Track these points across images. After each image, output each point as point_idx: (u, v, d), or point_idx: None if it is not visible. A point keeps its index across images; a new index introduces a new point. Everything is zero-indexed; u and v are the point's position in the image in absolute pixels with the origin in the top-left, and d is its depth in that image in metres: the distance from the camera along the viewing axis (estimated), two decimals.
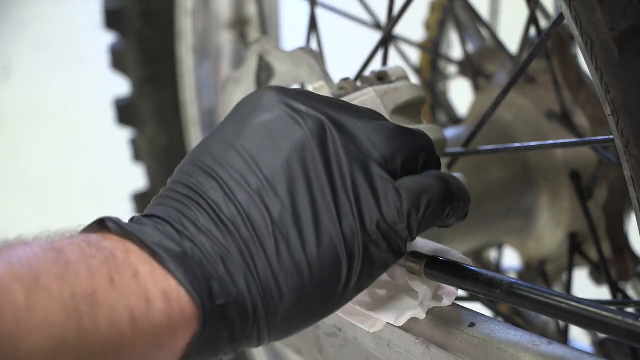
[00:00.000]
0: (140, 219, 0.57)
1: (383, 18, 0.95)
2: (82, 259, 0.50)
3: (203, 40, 1.37)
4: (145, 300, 0.51)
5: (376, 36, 0.93)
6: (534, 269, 1.09)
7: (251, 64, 0.85)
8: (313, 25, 0.94)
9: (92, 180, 2.54)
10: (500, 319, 0.64)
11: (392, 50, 0.92)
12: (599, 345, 1.05)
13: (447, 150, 0.80)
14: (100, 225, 0.56)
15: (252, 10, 1.37)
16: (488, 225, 1.06)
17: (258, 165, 0.58)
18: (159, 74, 1.40)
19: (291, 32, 1.59)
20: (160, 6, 1.35)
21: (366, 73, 0.75)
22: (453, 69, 1.33)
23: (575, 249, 1.03)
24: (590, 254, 1.03)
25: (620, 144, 0.57)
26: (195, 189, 0.57)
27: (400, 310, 0.64)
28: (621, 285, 1.00)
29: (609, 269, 0.97)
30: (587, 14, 0.55)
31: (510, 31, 1.27)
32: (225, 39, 1.38)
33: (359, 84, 0.73)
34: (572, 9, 0.56)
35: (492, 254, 1.30)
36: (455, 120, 1.31)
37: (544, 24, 1.05)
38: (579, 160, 1.01)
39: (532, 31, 0.94)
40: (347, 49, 1.95)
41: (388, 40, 0.87)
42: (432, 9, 1.35)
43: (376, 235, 0.58)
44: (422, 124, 0.72)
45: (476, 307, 0.69)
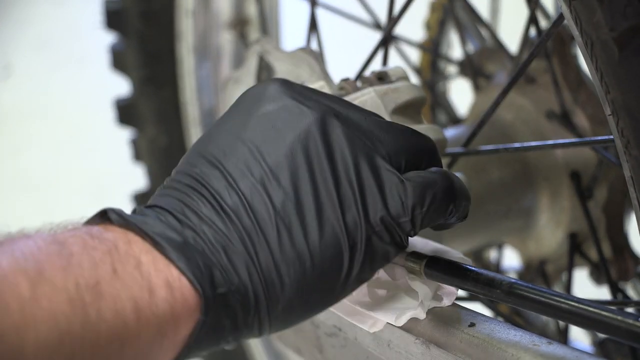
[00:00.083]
0: (142, 209, 0.58)
1: (383, 18, 0.95)
2: (85, 251, 0.51)
3: (203, 40, 1.37)
4: (148, 290, 0.51)
5: (376, 36, 0.93)
6: (534, 269, 1.09)
7: (251, 64, 0.85)
8: (313, 26, 0.94)
9: (92, 180, 2.54)
10: (500, 319, 0.64)
11: (392, 51, 0.92)
12: (599, 345, 1.05)
13: (447, 150, 0.80)
14: (103, 217, 0.56)
15: (253, 10, 1.37)
16: (488, 225, 1.06)
17: (262, 154, 0.58)
18: (159, 74, 1.40)
19: (291, 32, 1.59)
20: (160, 6, 1.35)
21: (366, 73, 0.75)
22: (453, 69, 1.33)
23: (575, 249, 1.03)
24: (590, 254, 1.03)
25: (620, 144, 0.57)
26: (198, 179, 0.58)
27: (400, 310, 0.64)
28: (621, 285, 1.00)
29: (608, 269, 0.97)
30: (587, 14, 0.55)
31: (510, 31, 1.28)
32: (226, 39, 1.38)
33: (359, 84, 0.73)
34: (572, 9, 0.56)
35: (492, 254, 1.30)
36: (455, 120, 1.31)
37: (544, 24, 1.05)
38: (579, 160, 1.01)
39: (532, 31, 0.94)
40: (347, 49, 1.95)
41: (388, 40, 0.87)
42: (432, 9, 1.35)
43: (379, 228, 0.58)
44: (422, 124, 0.72)
45: (476, 307, 0.69)
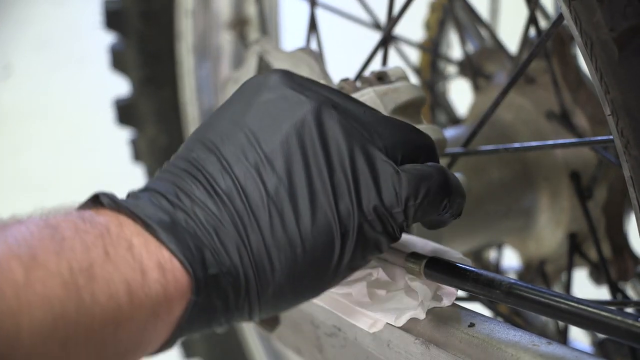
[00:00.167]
0: (136, 193, 0.58)
1: (383, 18, 0.95)
2: (77, 235, 0.51)
3: (203, 40, 1.38)
4: (140, 272, 0.52)
5: (376, 36, 0.93)
6: (534, 269, 1.09)
7: (251, 64, 0.85)
8: (313, 26, 0.94)
9: (92, 180, 2.53)
10: (499, 319, 0.64)
11: (392, 51, 0.92)
12: (598, 345, 1.05)
13: (447, 150, 0.80)
14: (95, 202, 0.57)
15: (252, 10, 1.37)
16: (488, 225, 1.06)
17: (258, 141, 0.58)
18: (159, 74, 1.40)
19: (291, 33, 1.59)
20: (160, 6, 1.35)
21: (366, 73, 0.75)
22: (453, 69, 1.33)
23: (574, 249, 1.03)
24: (589, 254, 1.03)
25: (620, 144, 0.57)
26: (194, 163, 0.58)
27: (400, 311, 0.64)
28: (621, 285, 1.00)
29: (608, 269, 0.97)
30: (587, 14, 0.55)
31: (510, 31, 1.28)
32: (225, 39, 1.38)
33: (358, 84, 0.73)
34: (572, 9, 0.56)
35: (492, 254, 1.30)
36: (455, 121, 1.31)
37: (543, 24, 1.05)
38: (579, 160, 1.01)
39: (532, 31, 0.94)
40: (347, 49, 1.95)
41: (388, 40, 0.87)
42: (432, 9, 1.35)
43: (372, 217, 0.58)
44: (422, 124, 0.72)
45: (476, 308, 0.69)
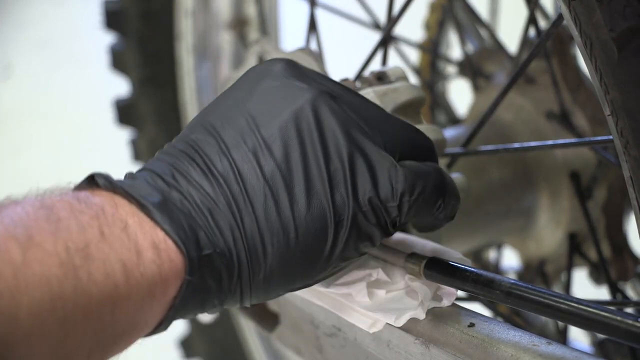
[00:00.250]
0: (133, 174, 0.59)
1: (382, 18, 0.95)
2: (73, 215, 0.51)
3: (203, 40, 1.38)
4: (136, 252, 0.52)
5: (375, 36, 0.93)
6: (534, 269, 1.09)
7: (251, 64, 0.85)
8: (312, 26, 0.94)
9: None
10: (499, 319, 0.64)
11: (392, 51, 0.92)
12: (598, 345, 1.05)
13: (447, 150, 0.80)
14: (90, 183, 0.57)
15: (252, 10, 1.37)
16: (488, 225, 1.06)
17: (257, 126, 0.59)
18: (158, 74, 1.40)
19: (291, 33, 1.59)
20: (160, 6, 1.35)
21: (365, 73, 0.75)
22: (452, 70, 1.33)
23: (574, 249, 1.03)
24: (589, 254, 1.03)
25: (620, 144, 0.57)
26: (193, 145, 0.59)
27: (400, 311, 0.64)
28: (620, 285, 1.00)
29: (608, 269, 0.97)
30: (587, 15, 0.55)
31: (510, 31, 1.28)
32: (225, 40, 1.38)
33: (358, 85, 0.73)
34: (572, 9, 0.56)
35: (492, 254, 1.30)
36: (455, 121, 1.31)
37: (543, 24, 1.05)
38: (579, 160, 1.01)
39: (532, 31, 0.94)
40: (347, 49, 1.95)
41: (387, 40, 0.87)
42: (432, 9, 1.35)
43: (366, 208, 0.59)
44: (422, 124, 0.72)
45: (476, 307, 0.69)
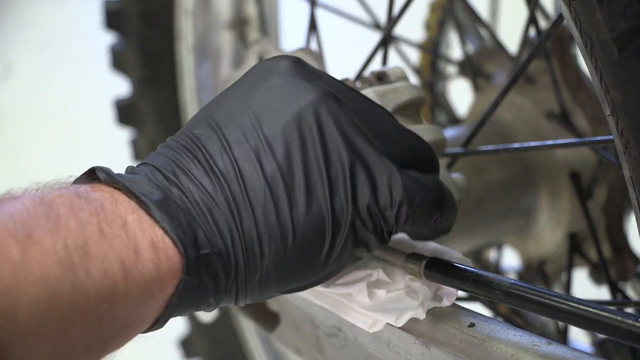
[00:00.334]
0: (134, 168, 0.58)
1: (383, 18, 0.95)
2: (72, 212, 0.51)
3: (203, 40, 1.38)
4: (134, 250, 0.52)
5: (376, 36, 0.93)
6: (534, 269, 1.09)
7: (251, 64, 0.85)
8: (313, 26, 0.94)
9: None
10: (499, 319, 0.64)
11: (392, 51, 0.92)
12: (598, 345, 1.05)
13: (447, 150, 0.80)
14: (91, 176, 0.57)
15: (252, 10, 1.37)
16: (488, 225, 1.06)
17: (260, 125, 0.58)
18: (159, 74, 1.40)
19: (291, 33, 1.59)
20: (160, 6, 1.35)
21: (366, 73, 0.75)
22: (453, 70, 1.33)
23: (574, 249, 1.03)
24: (589, 254, 1.03)
25: (620, 144, 0.57)
26: (195, 140, 0.58)
27: (400, 311, 0.64)
28: (621, 285, 1.00)
29: (608, 269, 0.97)
30: (587, 15, 0.55)
31: (510, 31, 1.28)
32: (225, 40, 1.38)
33: (358, 85, 0.73)
34: (572, 9, 0.56)
35: (492, 254, 1.30)
36: (455, 121, 1.31)
37: (543, 24, 1.05)
38: (579, 160, 1.01)
39: (532, 31, 0.94)
40: (347, 49, 1.95)
41: (388, 40, 0.87)
42: (432, 9, 1.35)
43: (365, 215, 0.59)
44: (422, 124, 0.72)
45: (476, 307, 0.69)
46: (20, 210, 0.49)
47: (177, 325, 1.50)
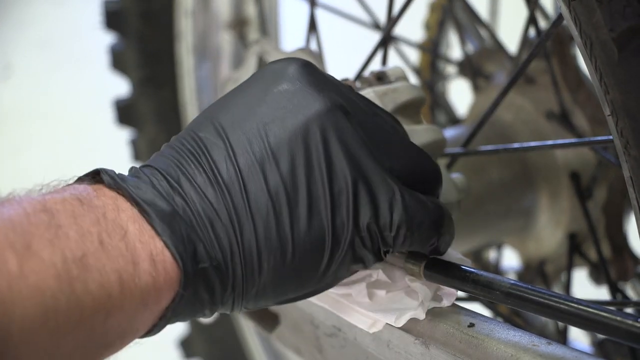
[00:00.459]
0: (138, 170, 0.57)
1: (382, 18, 0.95)
2: (73, 220, 0.51)
3: (203, 40, 1.37)
4: (132, 263, 0.52)
5: (375, 37, 0.93)
6: (534, 269, 1.09)
7: (251, 64, 0.85)
8: (312, 26, 0.94)
9: None
10: (499, 319, 0.64)
11: (392, 51, 0.92)
12: (598, 345, 1.05)
13: (447, 150, 0.80)
14: (95, 177, 0.56)
15: (252, 10, 1.37)
16: (488, 225, 1.06)
17: (267, 133, 0.57)
18: (158, 74, 1.40)
19: (291, 33, 1.59)
20: (160, 6, 1.35)
21: (365, 73, 0.75)
22: (452, 70, 1.33)
23: (574, 249, 1.03)
24: (589, 254, 1.03)
25: (620, 144, 0.57)
26: (201, 145, 0.58)
27: (400, 311, 0.64)
28: (620, 285, 1.00)
29: (608, 269, 0.97)
30: (587, 15, 0.55)
31: (510, 32, 1.28)
32: (225, 40, 1.38)
33: (358, 85, 0.73)
34: (572, 9, 0.56)
35: (492, 254, 1.30)
36: (455, 121, 1.31)
37: (543, 24, 1.05)
38: (579, 160, 1.01)
39: (532, 32, 0.94)
40: (347, 49, 1.95)
41: (387, 40, 0.87)
42: (432, 9, 1.35)
43: (365, 234, 0.58)
44: (422, 124, 0.72)
45: (475, 308, 0.69)
46: (21, 217, 0.49)
47: (177, 326, 1.50)
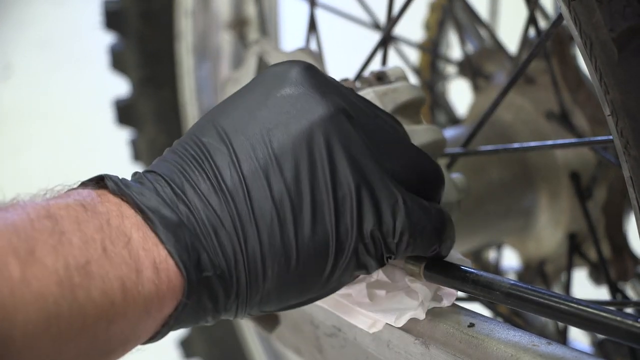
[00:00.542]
0: (141, 176, 0.57)
1: (382, 18, 0.95)
2: (77, 227, 0.50)
3: (203, 40, 1.37)
4: (135, 270, 0.51)
5: (375, 37, 0.93)
6: (534, 269, 1.09)
7: (250, 64, 0.85)
8: (312, 26, 0.94)
9: None
10: (499, 319, 0.64)
11: (392, 51, 0.92)
12: (598, 345, 1.05)
13: (447, 150, 0.80)
14: (99, 182, 0.56)
15: (252, 10, 1.37)
16: (488, 225, 1.06)
17: (270, 139, 0.57)
18: (158, 75, 1.40)
19: (290, 33, 1.59)
20: (160, 6, 1.35)
21: (365, 73, 0.75)
22: (452, 70, 1.33)
23: (574, 249, 1.03)
24: (589, 254, 1.03)
25: (619, 144, 0.57)
26: (204, 150, 0.57)
27: (400, 311, 0.64)
28: (620, 285, 1.00)
29: (608, 269, 0.97)
30: (587, 15, 0.55)
31: (510, 32, 1.28)
32: (225, 40, 1.38)
33: (358, 85, 0.73)
34: (572, 9, 0.56)
35: (492, 254, 1.30)
36: (455, 121, 1.31)
37: (543, 24, 1.05)
38: (579, 160, 1.01)
39: (532, 31, 0.94)
40: (347, 49, 1.95)
41: (387, 40, 0.87)
42: (432, 9, 1.35)
43: (368, 240, 0.58)
44: (422, 125, 0.72)
45: (475, 308, 0.69)
46: (25, 222, 0.49)
47: None
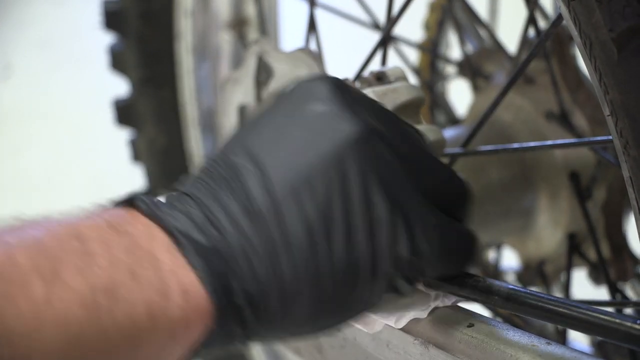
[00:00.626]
0: (174, 197, 0.56)
1: (382, 18, 0.95)
2: (104, 249, 0.49)
3: (202, 40, 1.37)
4: (164, 295, 0.50)
5: (375, 37, 0.93)
6: (533, 269, 1.09)
7: (250, 64, 0.85)
8: (312, 26, 0.94)
9: (92, 180, 2.54)
10: (499, 320, 0.64)
11: (391, 51, 0.92)
12: (597, 345, 1.05)
13: (446, 150, 0.80)
14: (131, 202, 0.55)
15: (252, 10, 1.37)
16: (487, 226, 1.06)
17: (300, 158, 0.55)
18: (158, 75, 1.40)
19: (290, 33, 1.59)
20: (159, 6, 1.35)
21: (365, 74, 0.75)
22: (452, 70, 1.33)
23: (574, 250, 1.03)
24: (589, 254, 1.03)
25: (619, 144, 0.57)
26: (235, 171, 0.55)
27: (400, 312, 0.64)
28: (620, 285, 1.00)
29: (607, 269, 0.97)
30: (586, 15, 0.55)
31: (509, 32, 1.27)
32: (225, 40, 1.38)
33: (357, 85, 0.73)
34: (571, 9, 0.56)
35: (492, 254, 1.30)
36: (454, 121, 1.31)
37: (542, 24, 1.05)
38: (578, 160, 1.01)
39: (531, 31, 0.94)
40: (346, 49, 1.95)
41: (387, 40, 0.87)
42: (431, 9, 1.35)
43: (401, 264, 0.57)
44: (421, 125, 0.72)
45: (475, 308, 0.69)
46: (53, 242, 0.48)
47: None
